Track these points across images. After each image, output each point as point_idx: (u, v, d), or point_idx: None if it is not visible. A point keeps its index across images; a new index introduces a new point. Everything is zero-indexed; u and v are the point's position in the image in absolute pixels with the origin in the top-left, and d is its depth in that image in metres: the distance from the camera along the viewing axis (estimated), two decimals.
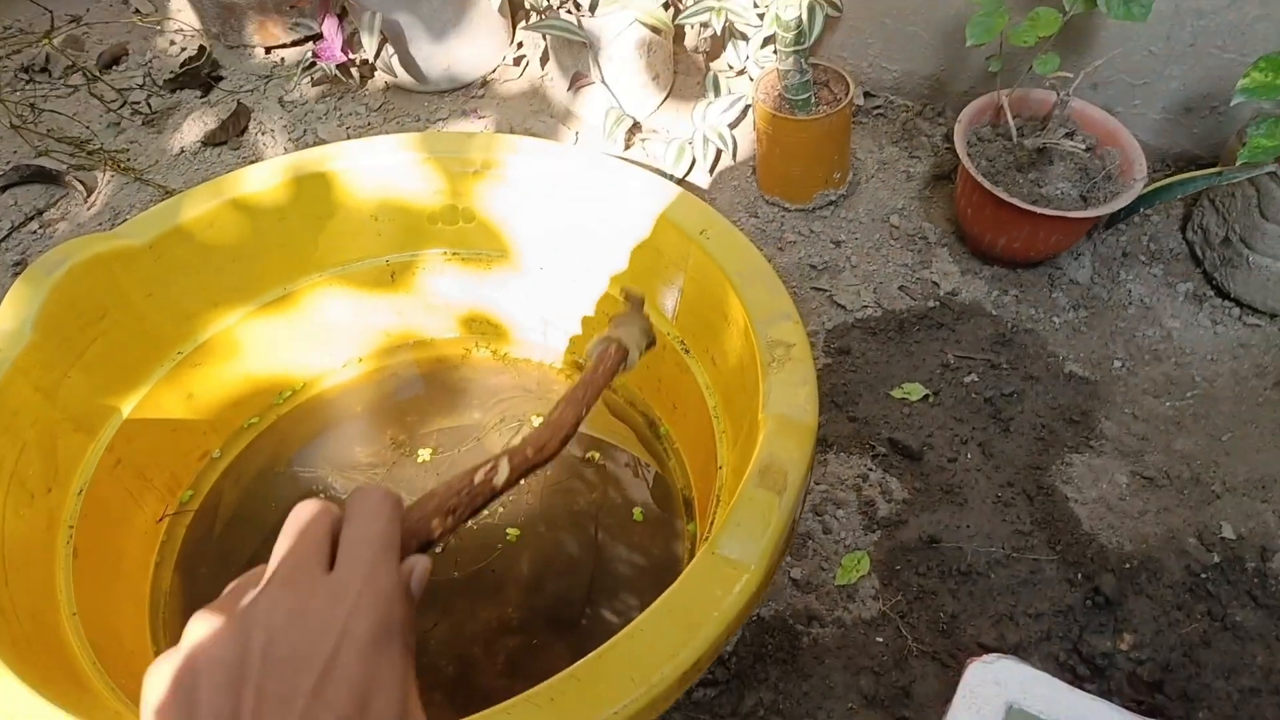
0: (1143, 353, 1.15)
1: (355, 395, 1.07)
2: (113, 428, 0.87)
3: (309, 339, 1.02)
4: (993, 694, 0.58)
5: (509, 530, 0.94)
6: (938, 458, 1.05)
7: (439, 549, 0.91)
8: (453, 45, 1.53)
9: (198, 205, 0.88)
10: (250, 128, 1.57)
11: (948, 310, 1.20)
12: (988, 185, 1.13)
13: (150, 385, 0.90)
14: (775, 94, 1.25)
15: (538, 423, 0.71)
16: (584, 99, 1.47)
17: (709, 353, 0.86)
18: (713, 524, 0.75)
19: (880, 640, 0.92)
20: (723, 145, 1.39)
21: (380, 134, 1.32)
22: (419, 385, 1.09)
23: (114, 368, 0.87)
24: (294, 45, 1.71)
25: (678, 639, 0.56)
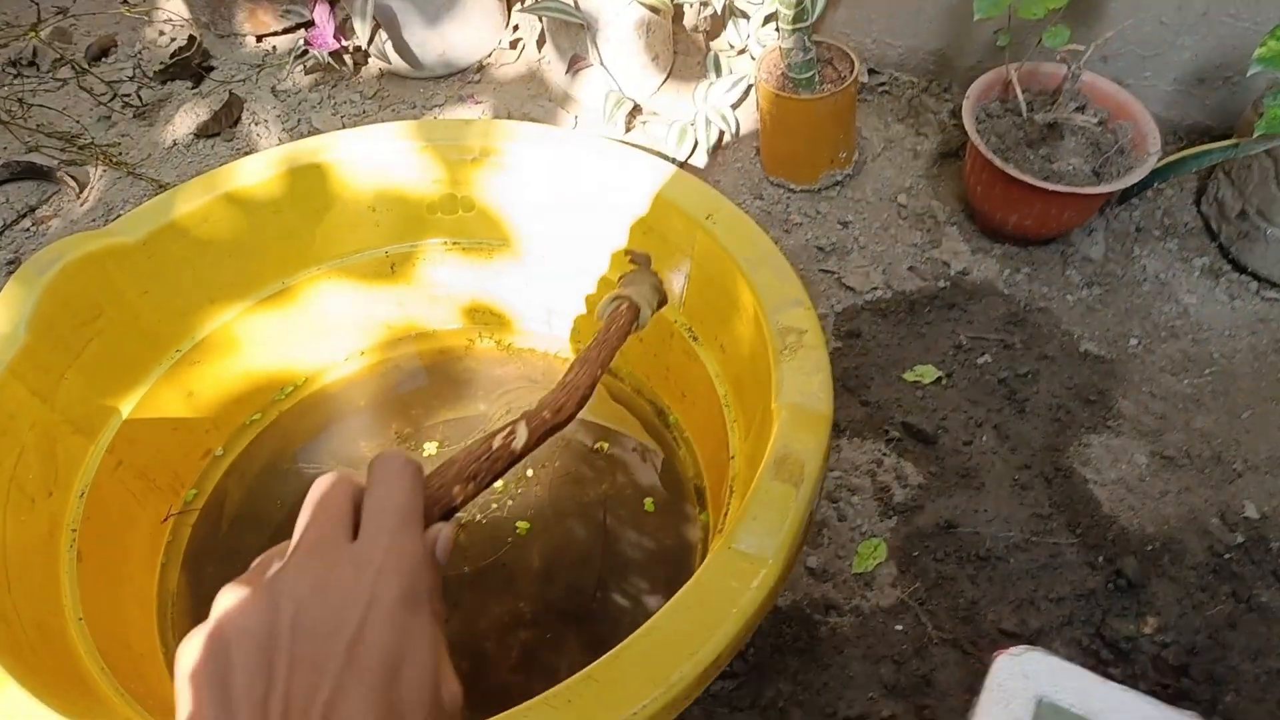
0: (1159, 330, 1.13)
1: (358, 389, 1.06)
2: (112, 429, 0.86)
3: (309, 333, 1.00)
4: (1021, 687, 0.56)
5: (519, 524, 0.93)
6: (953, 441, 1.03)
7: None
8: (447, 29, 1.50)
9: (191, 200, 0.86)
10: (243, 118, 1.54)
11: (959, 290, 1.18)
12: (998, 162, 1.10)
13: (149, 384, 0.89)
14: (778, 73, 1.23)
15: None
16: (582, 82, 1.45)
17: (718, 340, 0.84)
18: (726, 514, 0.74)
19: (899, 628, 0.90)
20: (725, 126, 1.36)
21: (376, 122, 1.29)
22: (423, 377, 1.07)
23: (111, 368, 0.86)
24: (285, 33, 1.68)
25: (696, 637, 0.54)
